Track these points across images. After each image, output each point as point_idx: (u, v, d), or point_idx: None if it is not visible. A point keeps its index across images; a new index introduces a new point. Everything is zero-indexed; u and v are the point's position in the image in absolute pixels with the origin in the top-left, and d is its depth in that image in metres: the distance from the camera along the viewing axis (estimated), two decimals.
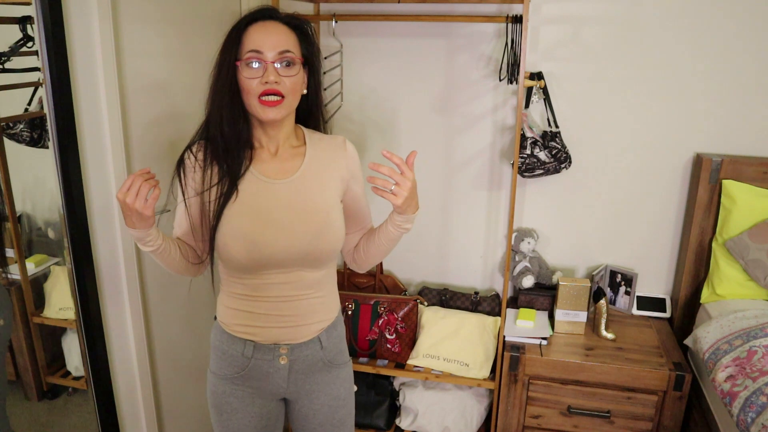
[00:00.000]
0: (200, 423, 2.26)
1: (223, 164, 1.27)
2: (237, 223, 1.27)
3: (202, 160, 1.29)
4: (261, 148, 1.33)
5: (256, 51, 1.21)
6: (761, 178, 2.12)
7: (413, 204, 1.29)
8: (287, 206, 1.29)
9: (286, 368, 1.36)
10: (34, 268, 1.72)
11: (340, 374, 1.45)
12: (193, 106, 2.04)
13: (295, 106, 1.30)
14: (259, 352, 1.35)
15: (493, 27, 2.26)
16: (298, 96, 1.28)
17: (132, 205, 1.14)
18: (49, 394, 1.83)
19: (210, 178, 1.28)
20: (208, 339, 2.24)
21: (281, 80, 1.21)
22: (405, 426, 2.41)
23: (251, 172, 1.30)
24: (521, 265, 2.39)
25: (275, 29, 1.24)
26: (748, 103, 2.18)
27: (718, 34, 2.13)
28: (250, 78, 1.22)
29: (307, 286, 1.34)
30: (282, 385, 1.38)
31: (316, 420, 1.44)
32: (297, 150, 1.35)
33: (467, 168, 2.45)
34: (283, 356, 1.35)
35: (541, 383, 2.13)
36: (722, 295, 2.15)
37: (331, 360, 1.42)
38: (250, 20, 1.26)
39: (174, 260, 1.33)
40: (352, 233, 1.45)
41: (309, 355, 1.38)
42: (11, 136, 1.60)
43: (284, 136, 1.33)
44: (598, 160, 2.34)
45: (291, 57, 1.22)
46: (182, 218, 1.34)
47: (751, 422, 1.57)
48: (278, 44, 1.22)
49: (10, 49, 1.52)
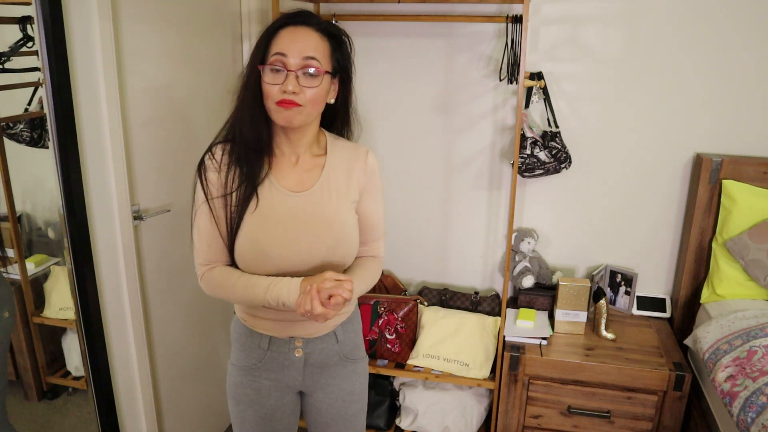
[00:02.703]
0: (200, 423, 2.26)
1: (243, 167, 1.26)
2: (253, 234, 1.26)
3: (227, 163, 1.28)
4: (282, 156, 1.31)
5: (280, 54, 1.19)
6: (761, 178, 2.12)
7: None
8: (304, 220, 1.28)
9: (301, 361, 1.37)
10: (34, 268, 1.72)
11: (356, 369, 1.45)
12: (193, 106, 2.04)
13: (315, 116, 1.28)
14: (275, 345, 1.36)
15: (493, 27, 2.26)
16: (318, 106, 1.26)
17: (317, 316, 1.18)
18: (49, 394, 1.83)
19: (231, 182, 1.27)
20: (208, 339, 2.26)
21: (301, 90, 1.20)
22: (405, 426, 2.41)
23: (270, 180, 1.29)
24: (521, 265, 2.39)
25: (305, 35, 1.22)
26: (748, 103, 2.18)
27: (718, 33, 2.13)
28: (270, 83, 1.20)
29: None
30: (297, 378, 1.39)
31: (329, 414, 1.44)
32: (318, 160, 1.33)
33: (467, 168, 2.45)
34: (298, 349, 1.37)
35: (541, 383, 2.13)
36: (722, 295, 2.15)
37: (347, 354, 1.42)
38: (283, 24, 1.23)
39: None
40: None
41: (324, 349, 1.38)
42: (11, 136, 1.60)
43: (306, 144, 1.32)
44: (598, 160, 2.34)
45: (315, 66, 1.20)
46: (207, 221, 1.30)
47: (751, 422, 1.57)
48: (305, 50, 1.20)
49: (10, 49, 1.52)
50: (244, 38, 2.32)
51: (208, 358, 2.28)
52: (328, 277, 1.19)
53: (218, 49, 2.17)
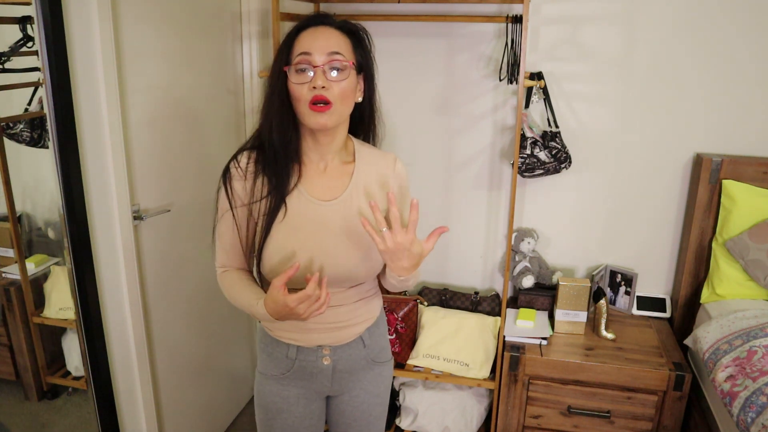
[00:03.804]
0: (200, 423, 2.26)
1: (272, 178, 1.25)
2: (281, 243, 1.25)
3: (252, 171, 1.27)
4: (310, 163, 1.30)
5: (305, 53, 1.19)
6: (761, 178, 2.12)
7: (401, 267, 1.26)
8: (333, 230, 1.27)
9: (330, 368, 1.37)
10: (34, 268, 1.72)
11: (382, 372, 1.45)
12: (194, 106, 2.04)
13: (346, 114, 1.26)
14: (302, 354, 1.35)
15: (493, 27, 2.26)
16: (348, 103, 1.24)
17: (302, 314, 1.15)
18: (49, 394, 1.83)
19: (260, 190, 1.26)
20: (208, 339, 2.26)
21: (330, 86, 1.19)
22: (405, 426, 2.41)
23: (299, 189, 1.27)
24: (521, 265, 2.39)
25: (326, 33, 1.22)
26: (748, 103, 2.18)
27: (718, 33, 2.13)
28: (298, 83, 1.19)
29: (350, 296, 1.34)
30: (326, 384, 1.39)
31: (353, 416, 1.44)
32: (346, 167, 1.32)
33: (467, 168, 2.45)
34: (326, 357, 1.36)
35: (541, 383, 2.13)
36: (722, 295, 2.15)
37: (373, 358, 1.42)
38: (303, 27, 1.24)
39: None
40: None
41: (352, 355, 1.38)
42: (11, 136, 1.60)
43: (335, 149, 1.30)
44: (598, 160, 2.34)
45: (340, 60, 1.20)
46: (229, 230, 1.30)
47: (751, 422, 1.57)
48: (328, 46, 1.19)
49: (10, 49, 1.53)
50: (244, 38, 2.32)
51: (208, 358, 2.27)
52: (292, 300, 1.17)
53: (218, 49, 2.17)
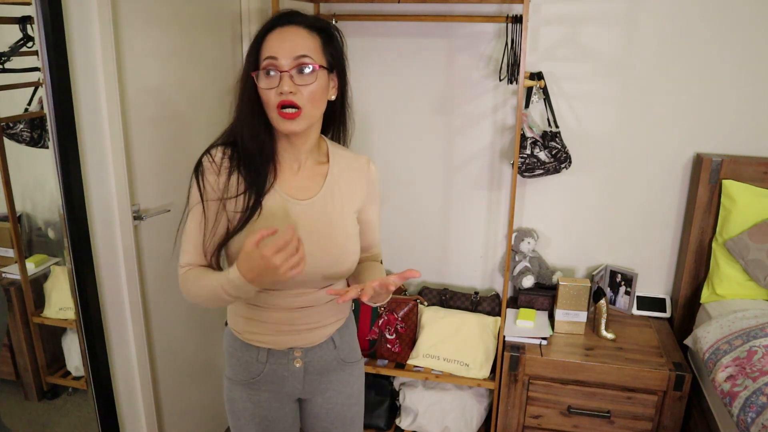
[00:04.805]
0: (200, 423, 2.26)
1: (248, 177, 1.24)
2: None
3: (227, 166, 1.25)
4: (285, 163, 1.29)
5: (271, 57, 1.17)
6: (761, 178, 2.12)
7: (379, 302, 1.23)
8: (307, 230, 1.26)
9: (301, 371, 1.36)
10: (34, 268, 1.72)
11: (353, 372, 1.45)
12: (194, 106, 2.04)
13: (317, 116, 1.25)
14: (273, 357, 1.34)
15: (493, 27, 2.26)
16: (319, 105, 1.23)
17: (279, 267, 1.08)
18: (49, 394, 1.83)
19: (234, 186, 1.24)
20: (208, 339, 2.26)
21: (297, 90, 1.18)
22: (405, 426, 2.41)
23: (275, 189, 1.27)
24: (521, 265, 2.39)
25: (293, 34, 1.19)
26: (748, 103, 2.18)
27: (717, 33, 2.13)
28: (266, 89, 1.18)
29: (321, 297, 1.33)
30: (298, 387, 1.38)
31: (328, 418, 1.44)
32: (320, 168, 1.32)
33: (467, 168, 2.45)
34: (297, 359, 1.35)
35: (541, 383, 2.13)
36: (722, 295, 2.15)
37: (344, 358, 1.42)
38: (270, 27, 1.22)
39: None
40: None
41: (323, 356, 1.37)
42: (11, 136, 1.60)
43: (308, 149, 1.30)
44: (598, 160, 2.34)
45: (308, 62, 1.18)
46: (198, 223, 1.27)
47: (751, 422, 1.57)
48: (295, 49, 1.17)
49: (10, 49, 1.52)
50: (244, 38, 2.32)
51: (208, 359, 2.27)
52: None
53: (218, 49, 2.17)
